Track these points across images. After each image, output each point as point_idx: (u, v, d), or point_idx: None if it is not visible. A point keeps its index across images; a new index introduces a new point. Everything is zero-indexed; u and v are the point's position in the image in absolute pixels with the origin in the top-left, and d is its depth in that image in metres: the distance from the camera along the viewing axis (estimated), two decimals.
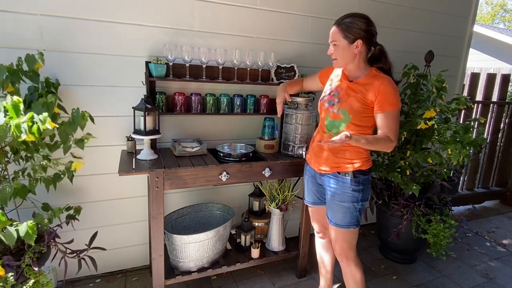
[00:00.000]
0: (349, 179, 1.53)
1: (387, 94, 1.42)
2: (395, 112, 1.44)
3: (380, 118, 1.45)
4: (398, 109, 1.45)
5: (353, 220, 1.57)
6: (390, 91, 1.42)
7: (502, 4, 19.40)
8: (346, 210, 1.55)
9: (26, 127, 1.16)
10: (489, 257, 2.61)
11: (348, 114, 1.48)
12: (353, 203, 1.54)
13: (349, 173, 1.53)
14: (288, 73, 2.12)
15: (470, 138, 2.03)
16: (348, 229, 1.58)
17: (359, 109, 1.46)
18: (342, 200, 1.55)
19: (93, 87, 1.83)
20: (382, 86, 1.42)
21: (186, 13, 1.93)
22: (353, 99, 1.47)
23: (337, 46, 1.47)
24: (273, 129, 2.10)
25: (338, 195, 1.55)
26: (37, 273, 1.44)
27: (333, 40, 1.47)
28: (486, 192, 3.68)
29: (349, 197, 1.54)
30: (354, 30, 1.42)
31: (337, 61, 1.50)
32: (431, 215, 2.16)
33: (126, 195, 2.03)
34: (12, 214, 1.57)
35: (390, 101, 1.42)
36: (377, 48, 1.51)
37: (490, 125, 3.58)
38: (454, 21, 2.89)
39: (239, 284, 2.10)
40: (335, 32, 1.46)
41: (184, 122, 2.09)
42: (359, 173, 1.53)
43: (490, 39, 7.74)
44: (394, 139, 1.45)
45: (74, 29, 1.72)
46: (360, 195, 1.55)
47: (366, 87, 1.45)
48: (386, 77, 1.46)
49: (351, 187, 1.53)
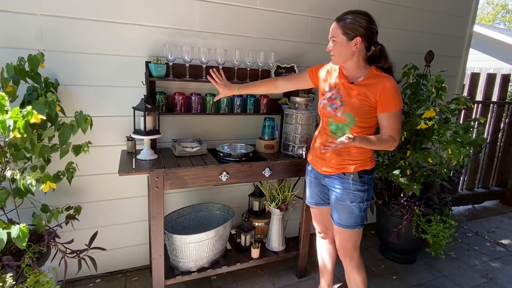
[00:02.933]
0: (354, 180, 1.52)
1: (390, 94, 1.41)
2: (398, 112, 1.44)
3: (384, 118, 1.45)
4: (400, 108, 1.45)
5: (358, 220, 1.56)
6: (393, 91, 1.41)
7: (504, 4, 19.39)
8: (352, 210, 1.54)
9: (12, 123, 1.14)
10: (489, 257, 2.61)
11: (354, 117, 1.46)
12: (359, 203, 1.53)
13: (354, 173, 1.51)
14: (288, 73, 2.12)
15: (470, 138, 2.03)
16: (354, 229, 1.57)
17: (363, 111, 1.45)
18: (347, 200, 1.53)
19: (93, 87, 1.82)
20: (385, 86, 1.41)
21: (186, 13, 1.93)
22: (357, 102, 1.45)
23: (336, 42, 1.45)
24: (273, 129, 2.10)
25: (344, 196, 1.54)
26: (37, 273, 1.44)
27: (332, 35, 1.46)
28: (486, 192, 3.68)
29: (355, 197, 1.52)
30: (353, 27, 1.40)
31: (335, 57, 1.49)
32: (431, 215, 2.16)
33: (126, 195, 2.03)
34: (12, 214, 1.57)
35: (393, 101, 1.42)
36: (378, 48, 1.49)
37: (490, 125, 3.58)
38: (454, 21, 2.89)
39: (239, 284, 2.10)
40: (334, 28, 1.45)
41: (184, 122, 2.08)
42: (363, 173, 1.53)
43: (490, 39, 7.74)
44: (397, 138, 1.45)
45: (74, 29, 1.72)
46: (366, 194, 1.54)
47: (369, 88, 1.44)
48: (388, 77, 1.44)
49: (357, 187, 1.52)
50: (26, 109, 1.19)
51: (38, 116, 1.21)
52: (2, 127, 1.14)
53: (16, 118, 1.15)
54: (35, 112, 1.20)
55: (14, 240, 1.24)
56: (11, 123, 1.14)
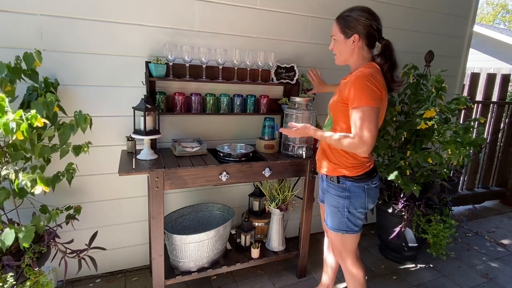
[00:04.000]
0: (333, 184, 1.51)
1: (355, 90, 1.31)
2: (363, 109, 1.28)
3: (350, 115, 1.34)
4: (364, 106, 1.28)
5: (342, 225, 1.52)
6: (360, 86, 1.30)
7: (504, 4, 19.38)
8: (333, 214, 1.54)
9: (14, 125, 1.14)
10: (489, 257, 2.61)
11: (330, 112, 1.51)
12: (338, 208, 1.51)
13: (334, 177, 1.50)
14: (288, 73, 2.12)
15: (470, 138, 2.03)
16: (337, 232, 1.54)
17: (336, 106, 1.44)
18: (329, 202, 1.55)
19: (93, 87, 1.82)
20: (353, 82, 1.33)
21: (186, 13, 1.93)
22: (335, 97, 1.48)
23: (336, 41, 1.45)
24: (273, 129, 2.10)
25: (327, 196, 1.56)
26: (37, 273, 1.44)
27: (332, 34, 1.47)
28: (486, 192, 3.68)
29: (334, 201, 1.52)
30: (351, 25, 1.38)
31: (336, 57, 1.50)
32: (431, 215, 2.16)
33: (126, 195, 2.03)
34: (12, 214, 1.57)
35: (357, 97, 1.29)
36: (383, 43, 1.43)
37: (490, 125, 3.58)
38: (454, 21, 2.89)
39: (239, 284, 2.10)
40: (334, 26, 1.45)
41: (184, 122, 2.08)
42: (344, 179, 1.47)
43: (490, 39, 7.73)
44: (356, 137, 1.28)
45: (74, 29, 1.72)
46: (346, 202, 1.48)
47: (346, 84, 1.39)
48: (363, 71, 1.33)
49: (336, 192, 1.50)
50: (31, 112, 1.19)
51: (42, 120, 1.22)
52: (5, 130, 1.14)
53: (18, 121, 1.16)
54: (39, 117, 1.20)
55: (21, 239, 1.25)
56: (14, 126, 1.15)
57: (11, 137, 1.16)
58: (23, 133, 1.17)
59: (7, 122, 1.14)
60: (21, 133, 1.16)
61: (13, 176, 1.30)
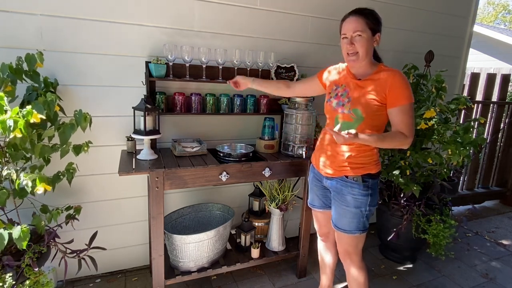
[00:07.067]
0: (357, 184, 1.45)
1: (399, 88, 1.34)
2: (409, 106, 1.35)
3: (394, 114, 1.37)
4: (411, 102, 1.36)
5: (360, 225, 1.49)
6: (402, 84, 1.35)
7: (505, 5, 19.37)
8: (353, 215, 1.48)
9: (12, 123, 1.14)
10: (489, 257, 2.61)
11: (361, 114, 1.39)
12: (361, 208, 1.46)
13: (358, 177, 1.45)
14: (288, 73, 2.12)
15: (470, 138, 2.03)
16: (354, 234, 1.51)
17: (372, 106, 1.38)
18: (349, 205, 1.47)
19: (93, 87, 1.82)
20: (394, 79, 1.35)
21: (186, 13, 1.93)
22: (364, 98, 1.39)
23: (362, 37, 1.35)
24: (273, 129, 2.10)
25: (346, 200, 1.48)
26: (37, 273, 1.44)
27: (357, 30, 1.34)
28: (486, 192, 3.68)
29: (357, 202, 1.46)
30: (376, 22, 1.37)
31: (359, 55, 1.37)
32: (431, 215, 2.16)
33: (126, 195, 2.03)
34: (12, 214, 1.57)
35: (403, 95, 1.34)
36: None
37: (490, 125, 3.58)
38: (454, 21, 2.89)
39: (239, 284, 2.10)
40: (360, 22, 1.35)
41: (184, 122, 2.08)
42: (368, 177, 1.45)
43: (490, 39, 7.73)
44: (409, 135, 1.36)
45: (74, 29, 1.72)
46: (369, 199, 1.46)
47: (377, 83, 1.38)
48: (396, 70, 1.39)
49: (360, 191, 1.45)
50: (26, 108, 1.19)
51: (38, 116, 1.21)
52: (3, 127, 1.14)
53: (16, 118, 1.15)
54: (35, 112, 1.20)
55: (15, 240, 1.24)
56: (11, 123, 1.14)
57: (8, 134, 1.16)
58: (21, 130, 1.16)
59: (4, 120, 1.14)
60: (19, 130, 1.16)
61: (14, 176, 1.31)
